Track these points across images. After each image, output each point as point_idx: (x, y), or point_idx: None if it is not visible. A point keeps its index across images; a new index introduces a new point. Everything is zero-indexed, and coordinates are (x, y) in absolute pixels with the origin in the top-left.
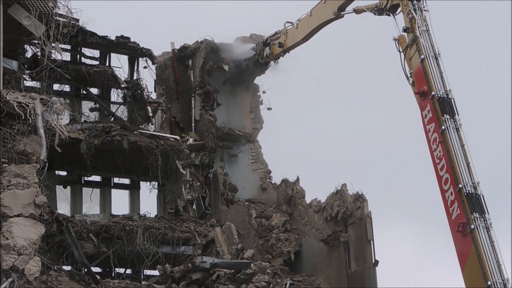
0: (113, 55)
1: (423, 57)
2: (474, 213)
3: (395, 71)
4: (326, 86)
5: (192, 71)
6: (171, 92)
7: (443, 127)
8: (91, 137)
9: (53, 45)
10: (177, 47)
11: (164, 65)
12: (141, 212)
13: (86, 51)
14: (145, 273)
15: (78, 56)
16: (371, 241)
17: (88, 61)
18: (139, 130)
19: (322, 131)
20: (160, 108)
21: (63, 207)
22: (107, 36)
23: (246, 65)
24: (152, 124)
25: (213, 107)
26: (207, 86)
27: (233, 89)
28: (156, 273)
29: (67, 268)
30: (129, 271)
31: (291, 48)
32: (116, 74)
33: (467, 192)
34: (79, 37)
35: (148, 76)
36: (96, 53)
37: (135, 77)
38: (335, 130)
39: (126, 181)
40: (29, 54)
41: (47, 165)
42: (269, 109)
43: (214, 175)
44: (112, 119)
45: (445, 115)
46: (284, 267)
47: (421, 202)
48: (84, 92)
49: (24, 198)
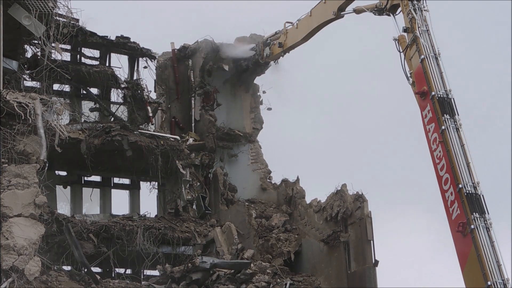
0: (113, 55)
1: (423, 57)
2: (474, 213)
3: (395, 71)
4: (325, 86)
5: (192, 71)
6: (171, 92)
7: (443, 127)
8: (91, 137)
9: (53, 45)
10: (177, 47)
11: (164, 65)
12: (141, 212)
13: (86, 51)
14: (145, 273)
15: (78, 56)
16: (371, 241)
17: (88, 61)
18: (139, 130)
19: (322, 131)
20: (160, 108)
21: (63, 207)
22: (107, 36)
23: (246, 65)
24: (152, 124)
25: (213, 107)
26: (207, 86)
27: (233, 89)
28: (156, 273)
29: (67, 268)
30: (129, 271)
31: (291, 48)
32: (116, 74)
33: (467, 192)
34: (79, 37)
35: (148, 76)
36: (96, 53)
37: (135, 77)
38: (334, 130)
39: (126, 181)
40: (29, 54)
41: (47, 165)
42: (269, 109)
43: (214, 175)
44: (112, 119)
45: (445, 115)
46: (284, 267)
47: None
48: (84, 92)
49: (24, 198)
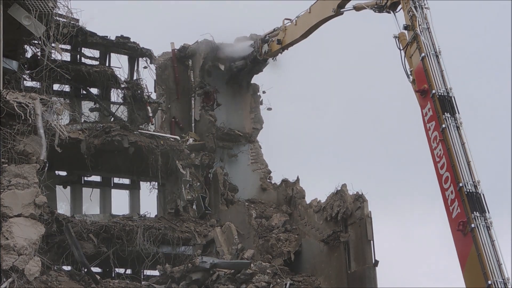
0: (113, 55)
1: (423, 55)
2: (474, 212)
3: (395, 69)
4: (324, 84)
5: (192, 71)
6: (171, 92)
7: (443, 126)
8: (91, 137)
9: (53, 45)
10: (177, 47)
11: (164, 65)
12: (141, 212)
13: (86, 51)
14: (145, 273)
15: (78, 56)
16: (371, 241)
17: (88, 61)
18: (139, 130)
19: (322, 131)
20: (160, 108)
21: (63, 207)
22: (107, 36)
23: (244, 63)
24: (152, 124)
25: (213, 107)
26: (207, 86)
27: (233, 89)
28: (156, 273)
29: (67, 268)
30: (129, 271)
31: (290, 45)
32: (116, 74)
33: (468, 191)
34: (79, 37)
35: (148, 76)
36: (96, 53)
37: (135, 77)
38: (334, 130)
39: (126, 181)
40: (29, 54)
41: (47, 165)
42: (269, 109)
43: (214, 175)
44: (112, 119)
45: (445, 113)
46: (284, 267)
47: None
48: (84, 92)
49: (24, 198)
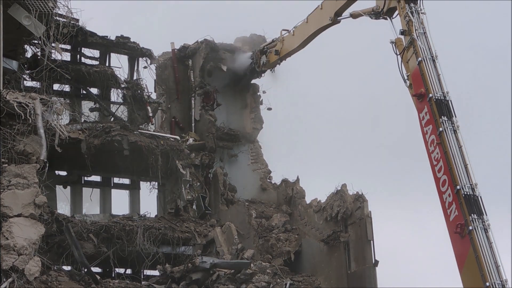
0: (113, 55)
1: (420, 59)
2: (472, 215)
3: (392, 73)
4: (324, 86)
5: (192, 71)
6: (171, 92)
7: (440, 129)
8: (91, 137)
9: (53, 45)
10: (177, 47)
11: (164, 65)
12: (141, 212)
13: (86, 51)
14: (145, 273)
15: (78, 56)
16: (371, 241)
17: (88, 61)
18: (139, 130)
19: (322, 130)
20: (160, 108)
21: (63, 207)
22: (107, 36)
23: (243, 73)
24: (152, 124)
25: (213, 107)
26: (207, 86)
27: (233, 89)
28: (156, 273)
29: (67, 268)
30: (129, 271)
31: (288, 55)
32: (116, 74)
33: (465, 193)
34: (79, 37)
35: (148, 76)
36: (96, 53)
37: (135, 77)
38: (334, 129)
39: (126, 181)
40: (29, 54)
41: (47, 165)
42: (269, 109)
43: (214, 175)
44: (112, 119)
45: (442, 117)
46: (284, 267)
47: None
48: (84, 92)
49: (24, 198)
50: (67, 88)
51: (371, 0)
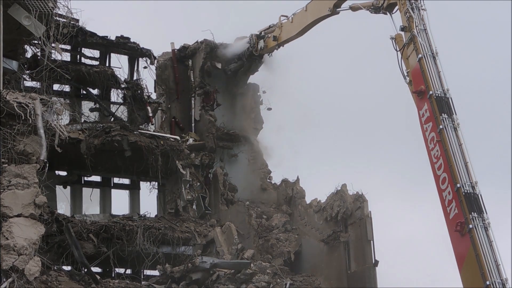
0: (113, 55)
1: (420, 56)
2: (472, 213)
3: (392, 69)
4: (321, 81)
5: (192, 71)
6: (171, 92)
7: (440, 127)
8: (91, 137)
9: (53, 45)
10: (177, 47)
11: (164, 65)
12: (141, 212)
13: (86, 51)
14: (145, 273)
15: (78, 56)
16: (371, 241)
17: (88, 61)
18: (139, 130)
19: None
20: (160, 108)
21: (63, 207)
22: (107, 36)
23: (239, 64)
24: (152, 124)
25: (213, 107)
26: (207, 86)
27: (233, 89)
28: (156, 273)
29: (67, 268)
30: (129, 271)
31: (286, 42)
32: (116, 74)
33: (465, 191)
34: (79, 37)
35: (148, 76)
36: (96, 53)
37: (135, 77)
38: (334, 129)
39: (126, 181)
40: (29, 54)
41: (47, 165)
42: (269, 109)
43: (214, 175)
44: (112, 119)
45: (442, 114)
46: (284, 267)
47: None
48: (84, 92)
49: (24, 198)
50: (67, 88)
51: None
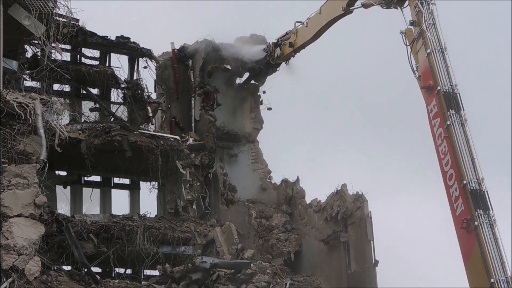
0: (113, 55)
1: (429, 51)
2: (478, 210)
3: (398, 67)
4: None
5: (192, 71)
6: (171, 92)
7: (448, 122)
8: (91, 137)
9: (53, 45)
10: (177, 47)
11: (164, 65)
12: (141, 212)
13: (86, 51)
14: (145, 273)
15: (78, 56)
16: (371, 241)
17: (88, 61)
18: (139, 130)
19: (322, 130)
20: (160, 108)
21: (63, 207)
22: (107, 36)
23: (258, 67)
24: (152, 124)
25: (213, 107)
26: (207, 86)
27: (233, 89)
28: (156, 273)
29: (67, 268)
30: (129, 271)
31: (302, 48)
32: (116, 74)
33: (472, 188)
34: (79, 37)
35: (148, 76)
36: (96, 53)
37: (135, 77)
38: (334, 129)
39: (126, 181)
40: (29, 54)
41: (47, 165)
42: (269, 109)
43: (214, 175)
44: (112, 119)
45: (450, 110)
46: (284, 267)
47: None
48: (84, 92)
49: (24, 198)
50: (67, 88)
51: None
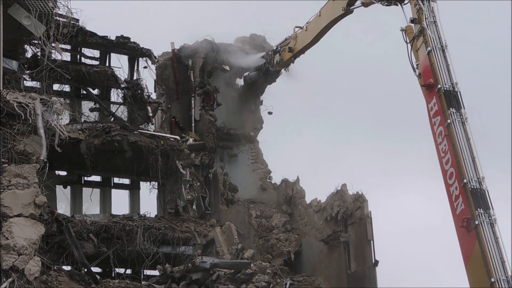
0: (113, 55)
1: (429, 49)
2: (478, 209)
3: (398, 69)
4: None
5: (192, 71)
6: (171, 92)
7: (448, 121)
8: (91, 137)
9: (53, 45)
10: (177, 47)
11: (164, 65)
12: (141, 212)
13: (86, 51)
14: (145, 273)
15: (78, 56)
16: (371, 241)
17: (88, 61)
18: (139, 130)
19: (322, 130)
20: (160, 108)
21: (63, 207)
22: (107, 36)
23: (257, 74)
24: (152, 124)
25: (213, 107)
26: (207, 86)
27: (233, 89)
28: (156, 273)
29: (67, 268)
30: (129, 271)
31: (301, 52)
32: (116, 74)
33: (472, 187)
34: (79, 37)
35: (148, 76)
36: (96, 53)
37: (135, 77)
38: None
39: (126, 181)
40: (29, 54)
41: (47, 165)
42: (269, 113)
43: (214, 175)
44: (112, 119)
45: (451, 108)
46: (284, 267)
47: None
48: (84, 92)
49: (24, 198)
50: (67, 88)
51: None
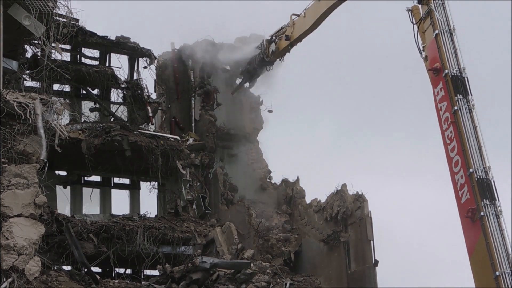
0: (113, 55)
1: (437, 32)
2: (484, 200)
3: (398, 63)
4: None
5: (192, 71)
6: (171, 92)
7: (455, 108)
8: (91, 137)
9: (53, 45)
10: (177, 47)
11: (164, 65)
12: (141, 212)
13: (86, 51)
14: (145, 273)
15: (78, 56)
16: (371, 241)
17: (88, 61)
18: (139, 130)
19: (322, 130)
20: (160, 108)
21: (63, 207)
22: (107, 36)
23: (252, 68)
24: (152, 124)
25: (213, 107)
26: (207, 86)
27: (232, 89)
28: (156, 273)
29: (67, 268)
30: (129, 271)
31: (298, 40)
32: (116, 74)
33: (478, 177)
34: (79, 37)
35: (148, 76)
36: (96, 53)
37: (135, 77)
38: (334, 128)
39: (126, 181)
40: (29, 54)
41: (47, 165)
42: (270, 111)
43: (214, 175)
44: (112, 119)
45: (458, 95)
46: (284, 267)
47: None
48: (84, 92)
49: (24, 198)
50: (67, 88)
51: None
